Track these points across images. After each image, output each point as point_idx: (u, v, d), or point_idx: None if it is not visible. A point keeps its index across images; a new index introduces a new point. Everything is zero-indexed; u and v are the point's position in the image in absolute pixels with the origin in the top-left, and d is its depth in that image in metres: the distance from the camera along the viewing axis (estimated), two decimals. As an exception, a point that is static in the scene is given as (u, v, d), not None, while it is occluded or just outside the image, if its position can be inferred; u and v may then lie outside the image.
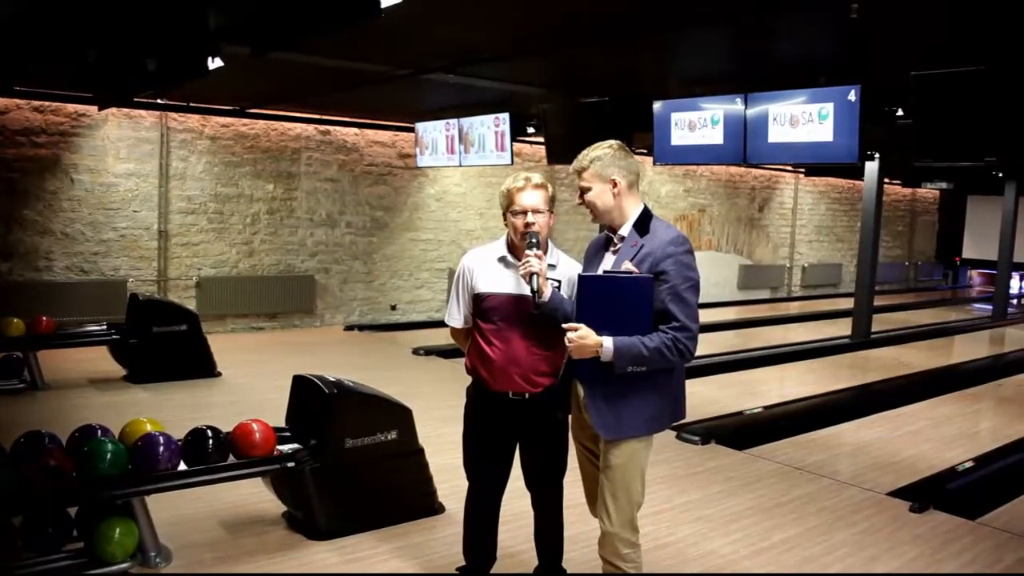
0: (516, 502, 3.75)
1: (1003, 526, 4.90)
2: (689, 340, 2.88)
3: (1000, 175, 15.05)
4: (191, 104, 9.90)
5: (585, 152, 3.11)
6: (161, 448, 3.77)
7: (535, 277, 3.07)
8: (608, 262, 3.11)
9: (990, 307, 16.11)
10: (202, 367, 7.90)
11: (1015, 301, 18.90)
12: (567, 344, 2.93)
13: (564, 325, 2.96)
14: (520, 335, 3.32)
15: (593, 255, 3.23)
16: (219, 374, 7.99)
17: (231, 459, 4.03)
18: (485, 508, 3.64)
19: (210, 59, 5.33)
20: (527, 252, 3.12)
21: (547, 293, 3.11)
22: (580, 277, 3.02)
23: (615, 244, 3.12)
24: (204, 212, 10.23)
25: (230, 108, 10.19)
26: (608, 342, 2.86)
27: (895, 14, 4.87)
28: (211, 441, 3.96)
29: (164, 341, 7.68)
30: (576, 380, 3.15)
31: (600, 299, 2.92)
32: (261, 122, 10.56)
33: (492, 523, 3.67)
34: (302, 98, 9.45)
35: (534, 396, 3.35)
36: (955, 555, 4.46)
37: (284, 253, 10.92)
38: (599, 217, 3.13)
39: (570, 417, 3.35)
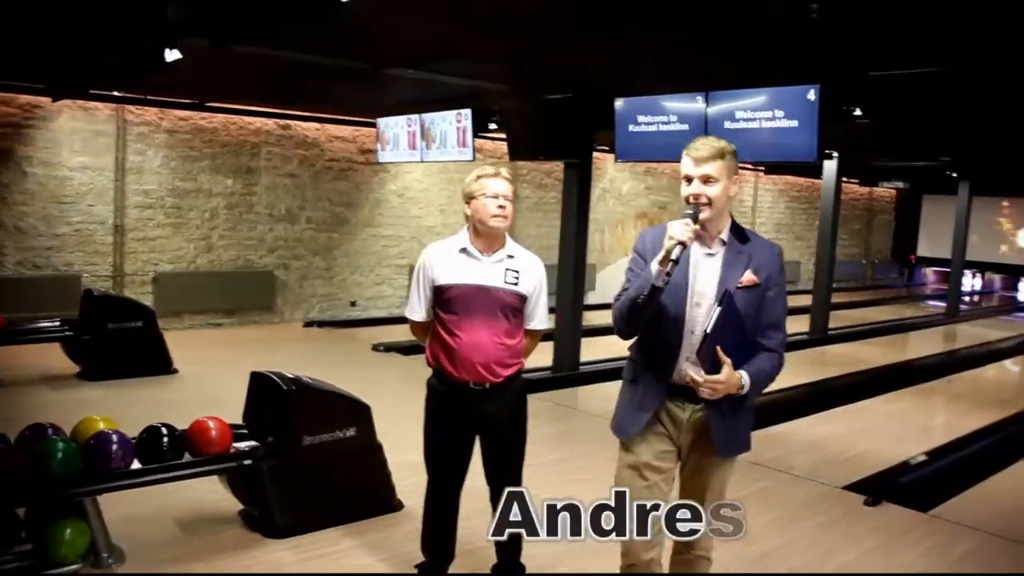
0: (476, 499, 3.74)
1: (954, 518, 5.01)
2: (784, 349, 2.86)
3: (954, 175, 15.35)
4: (148, 97, 9.73)
5: (714, 140, 2.79)
6: (114, 446, 3.72)
7: (679, 247, 2.64)
8: (712, 269, 2.80)
9: (944, 304, 16.42)
10: (158, 364, 7.77)
11: (967, 299, 19.29)
12: (703, 394, 2.69)
13: (703, 379, 2.67)
14: (482, 325, 3.37)
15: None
16: (175, 371, 7.87)
17: (187, 457, 3.98)
18: (444, 502, 3.65)
19: (168, 51, 5.25)
20: (683, 221, 2.70)
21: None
22: (727, 292, 2.72)
23: (711, 250, 2.82)
24: (161, 207, 10.07)
25: (188, 101, 10.04)
26: (746, 378, 2.70)
27: (854, 15, 4.93)
28: (166, 439, 3.91)
29: (119, 338, 7.55)
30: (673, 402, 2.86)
31: (729, 318, 2.70)
32: (220, 116, 10.42)
33: (451, 519, 3.68)
34: (262, 92, 9.35)
35: (495, 386, 3.40)
36: (909, 546, 4.54)
37: (243, 248, 10.79)
38: (711, 215, 2.76)
39: (640, 437, 2.91)
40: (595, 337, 9.22)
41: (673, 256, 2.63)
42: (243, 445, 4.19)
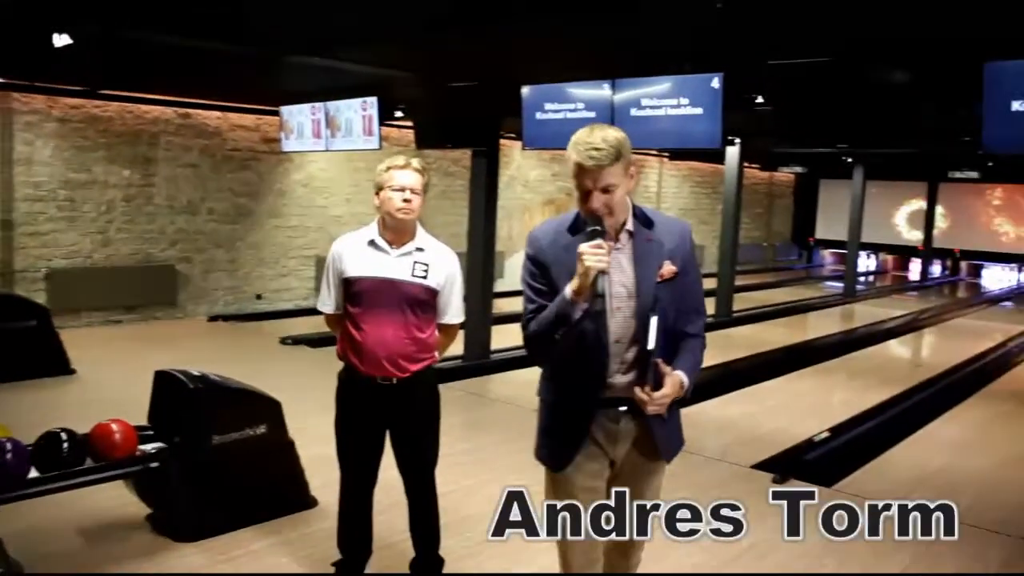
0: (391, 492, 3.70)
1: (856, 491, 5.20)
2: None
3: (849, 160, 15.95)
4: (36, 84, 9.27)
5: (601, 137, 2.42)
6: (8, 455, 3.54)
7: (601, 277, 2.37)
8: (623, 267, 2.55)
9: (841, 285, 17.02)
10: (54, 365, 7.44)
11: (863, 279, 20.05)
12: (651, 411, 2.49)
13: (650, 399, 2.46)
14: (389, 319, 3.34)
15: (568, 258, 2.46)
16: (73, 372, 7.55)
17: (89, 463, 3.83)
18: (358, 497, 3.61)
19: (56, 36, 5.02)
20: (592, 243, 2.37)
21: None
22: (656, 300, 2.53)
23: (617, 244, 2.55)
24: (54, 199, 9.63)
25: (80, 88, 9.60)
26: (686, 379, 2.52)
27: (756, 5, 5.04)
28: (66, 444, 3.75)
29: (11, 338, 7.18)
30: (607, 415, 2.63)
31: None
32: (115, 104, 10.01)
33: (366, 513, 3.64)
34: (159, 79, 9.02)
35: (402, 381, 3.37)
36: (812, 520, 4.67)
37: (143, 242, 10.41)
38: (614, 219, 2.50)
39: (584, 456, 2.66)
40: (505, 325, 9.24)
41: (599, 290, 2.37)
42: (149, 447, 4.05)
